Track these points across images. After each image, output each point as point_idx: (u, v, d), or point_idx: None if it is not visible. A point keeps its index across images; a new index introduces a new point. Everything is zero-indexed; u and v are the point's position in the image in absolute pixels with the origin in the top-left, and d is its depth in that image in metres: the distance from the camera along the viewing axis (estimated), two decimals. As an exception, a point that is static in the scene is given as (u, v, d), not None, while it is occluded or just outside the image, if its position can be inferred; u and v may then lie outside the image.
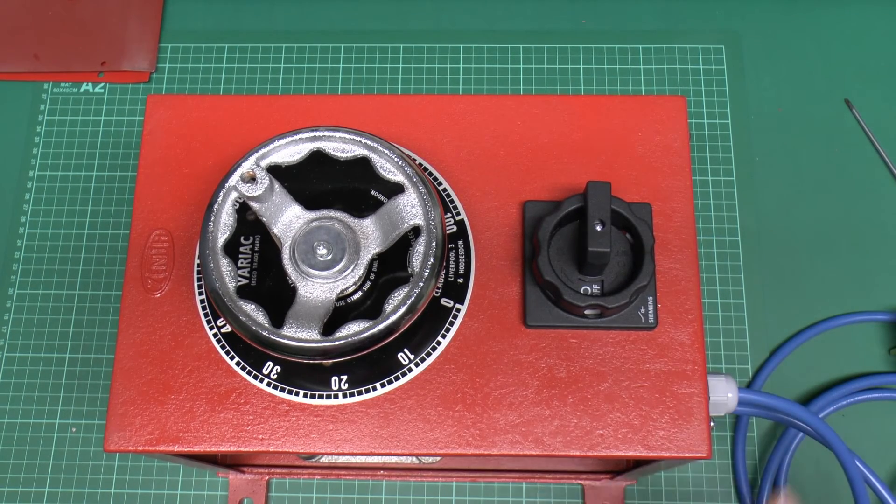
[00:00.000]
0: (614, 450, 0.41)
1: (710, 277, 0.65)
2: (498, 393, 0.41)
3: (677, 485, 0.61)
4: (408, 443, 0.41)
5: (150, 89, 0.71)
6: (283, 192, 0.40)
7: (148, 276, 0.44)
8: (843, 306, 0.64)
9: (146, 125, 0.46)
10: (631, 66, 0.71)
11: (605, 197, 0.40)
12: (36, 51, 0.72)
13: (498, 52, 0.72)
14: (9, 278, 0.66)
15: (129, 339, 0.43)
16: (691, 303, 0.43)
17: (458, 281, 0.43)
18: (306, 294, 0.39)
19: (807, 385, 0.63)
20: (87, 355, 0.64)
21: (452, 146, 0.45)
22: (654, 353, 0.42)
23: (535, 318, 0.42)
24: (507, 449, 0.41)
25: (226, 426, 0.41)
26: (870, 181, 0.68)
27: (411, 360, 0.42)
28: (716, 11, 0.73)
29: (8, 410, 0.63)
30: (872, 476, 0.58)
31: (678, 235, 0.44)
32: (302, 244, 0.39)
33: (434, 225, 0.38)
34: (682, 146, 0.45)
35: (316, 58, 0.72)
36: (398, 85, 0.71)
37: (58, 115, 0.71)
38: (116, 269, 0.66)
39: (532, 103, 0.46)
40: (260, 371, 0.42)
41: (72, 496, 0.61)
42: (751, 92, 0.70)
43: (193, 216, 0.45)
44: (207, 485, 0.61)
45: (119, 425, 0.41)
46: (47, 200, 0.68)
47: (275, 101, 0.46)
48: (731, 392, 0.44)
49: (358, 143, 0.40)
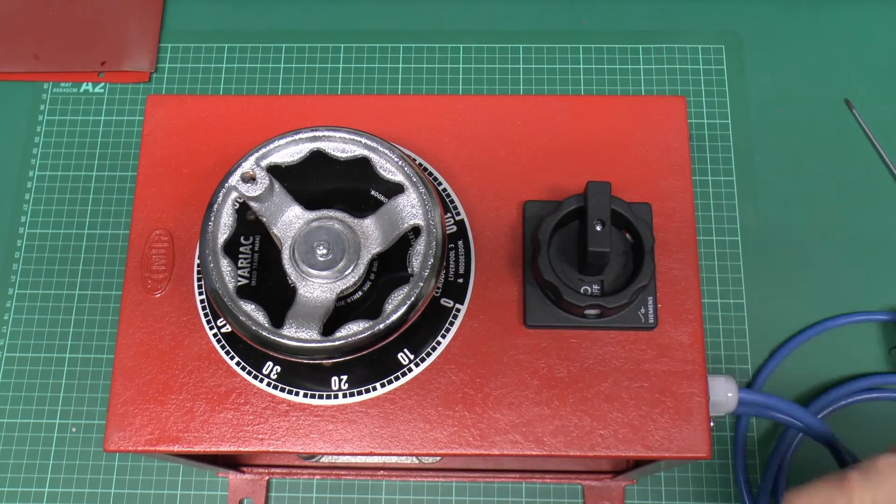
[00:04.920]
0: (614, 450, 0.41)
1: (710, 277, 0.65)
2: (498, 393, 0.41)
3: (677, 485, 0.61)
4: (408, 443, 0.41)
5: (150, 89, 0.71)
6: (283, 192, 0.40)
7: (148, 276, 0.44)
8: (843, 306, 0.64)
9: (146, 125, 0.46)
10: (631, 66, 0.71)
11: (605, 197, 0.40)
12: (36, 51, 0.72)
13: (498, 52, 0.72)
14: (9, 278, 0.66)
15: (129, 339, 0.43)
16: (691, 303, 0.43)
17: (458, 281, 0.43)
18: (306, 294, 0.39)
19: (807, 385, 0.63)
20: (87, 355, 0.64)
21: (452, 146, 0.45)
22: (654, 353, 0.42)
23: (535, 318, 0.42)
24: (507, 449, 0.41)
25: (226, 426, 0.41)
26: (870, 181, 0.68)
27: (411, 360, 0.42)
28: (716, 11, 0.73)
29: (8, 410, 0.63)
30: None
31: (678, 235, 0.44)
32: (302, 244, 0.39)
33: (434, 225, 0.38)
34: (682, 146, 0.45)
35: (316, 58, 0.72)
36: (398, 85, 0.71)
37: (58, 115, 0.71)
38: (116, 269, 0.66)
39: (532, 103, 0.46)
40: (260, 371, 0.42)
41: (72, 496, 0.61)
42: (751, 92, 0.70)
43: (193, 216, 0.45)
44: (207, 485, 0.61)
45: (119, 425, 0.41)
46: (47, 200, 0.68)
47: (275, 101, 0.46)
48: (731, 392, 0.44)
49: (358, 143, 0.40)
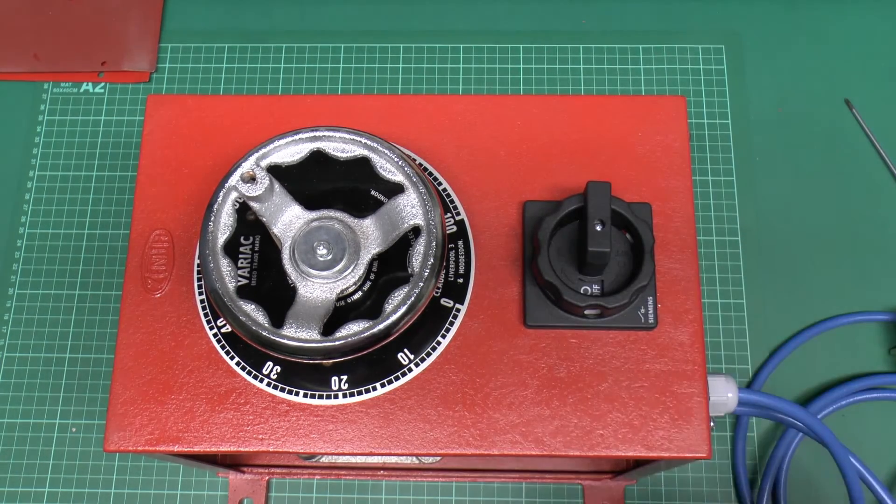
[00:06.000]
0: (614, 450, 0.41)
1: (710, 277, 0.65)
2: (498, 393, 0.41)
3: (677, 485, 0.61)
4: (408, 443, 0.41)
5: (150, 89, 0.71)
6: (283, 192, 0.40)
7: (148, 276, 0.44)
8: (843, 306, 0.64)
9: (146, 125, 0.46)
10: (631, 66, 0.71)
11: (605, 197, 0.40)
12: (36, 51, 0.72)
13: (498, 52, 0.72)
14: (9, 278, 0.66)
15: (129, 339, 0.43)
16: (691, 303, 0.43)
17: (458, 281, 0.43)
18: (306, 294, 0.39)
19: (807, 385, 0.63)
20: (87, 355, 0.64)
21: (452, 146, 0.45)
22: (654, 353, 0.42)
23: (535, 318, 0.42)
24: (507, 449, 0.41)
25: (226, 426, 0.41)
26: (870, 181, 0.68)
27: (411, 360, 0.42)
28: (716, 11, 0.73)
29: (8, 410, 0.63)
30: (870, 475, 0.58)
31: (678, 235, 0.44)
32: (302, 244, 0.39)
33: (434, 225, 0.38)
34: (682, 146, 0.45)
35: (316, 58, 0.72)
36: (398, 85, 0.71)
37: (58, 115, 0.71)
38: (116, 269, 0.66)
39: (532, 103, 0.46)
40: (260, 371, 0.42)
41: (72, 496, 0.61)
42: (751, 92, 0.70)
43: (193, 216, 0.45)
44: (207, 485, 0.61)
45: (119, 425, 0.41)
46: (47, 200, 0.68)
47: (275, 101, 0.46)
48: (731, 392, 0.44)
49: (358, 143, 0.40)
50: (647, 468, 0.52)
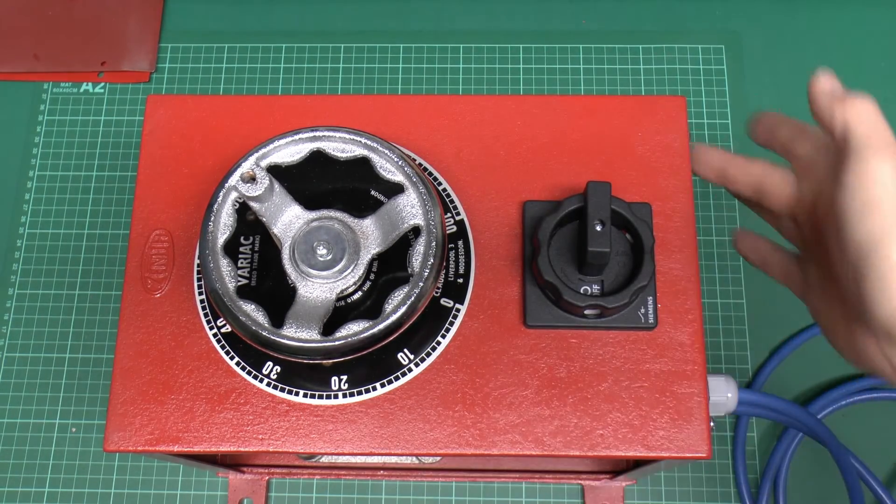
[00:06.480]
0: (614, 450, 0.41)
1: (710, 277, 0.65)
2: (498, 393, 0.41)
3: (677, 485, 0.61)
4: (408, 443, 0.41)
5: (150, 89, 0.71)
6: (283, 192, 0.40)
7: (148, 276, 0.44)
8: (843, 306, 0.64)
9: (146, 125, 0.46)
10: (631, 66, 0.71)
11: (604, 197, 0.40)
12: (36, 51, 0.72)
13: (498, 52, 0.72)
14: (9, 278, 0.66)
15: (129, 339, 0.43)
16: (691, 303, 0.43)
17: (458, 281, 0.43)
18: (306, 294, 0.39)
19: (807, 385, 0.63)
20: (87, 355, 0.64)
21: (452, 146, 0.45)
22: (654, 353, 0.42)
23: (535, 318, 0.42)
24: (507, 449, 0.41)
25: (226, 426, 0.41)
26: (870, 181, 0.68)
27: (411, 360, 0.42)
28: (716, 11, 0.73)
29: (8, 410, 0.63)
30: (869, 475, 0.58)
31: (678, 235, 0.44)
32: (302, 244, 0.39)
33: (434, 225, 0.38)
34: (682, 146, 0.45)
35: (316, 58, 0.72)
36: (398, 85, 0.71)
37: (58, 115, 0.71)
38: (116, 269, 0.66)
39: (532, 103, 0.46)
40: (260, 371, 0.42)
41: (72, 496, 0.61)
42: (751, 92, 0.70)
43: (193, 216, 0.45)
44: (207, 485, 0.61)
45: (119, 425, 0.41)
46: (47, 200, 0.68)
47: (275, 101, 0.46)
48: (731, 392, 0.44)
49: (358, 143, 0.40)
50: (647, 468, 0.52)
